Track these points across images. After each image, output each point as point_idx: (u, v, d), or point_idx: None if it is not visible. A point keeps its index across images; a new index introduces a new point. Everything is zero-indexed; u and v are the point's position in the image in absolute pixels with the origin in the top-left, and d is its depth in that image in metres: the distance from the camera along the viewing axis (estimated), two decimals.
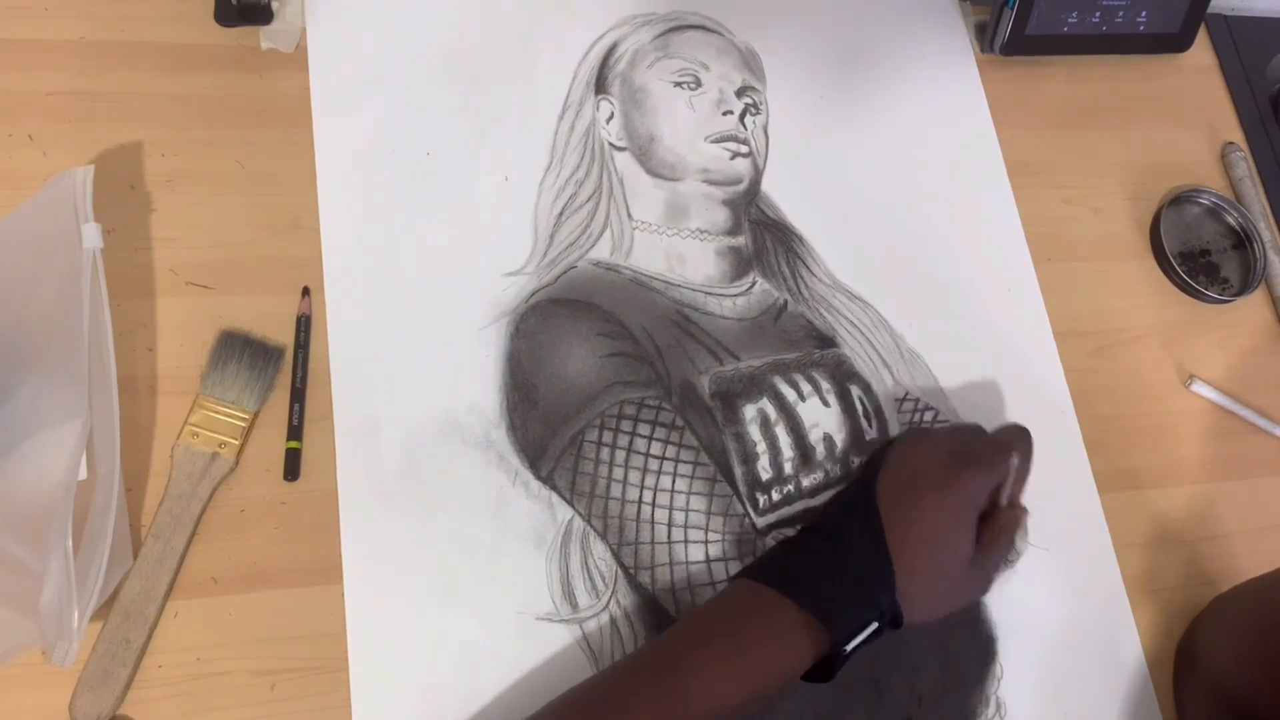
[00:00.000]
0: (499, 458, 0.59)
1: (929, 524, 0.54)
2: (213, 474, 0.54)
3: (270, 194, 0.61)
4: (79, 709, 0.49)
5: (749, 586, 0.53)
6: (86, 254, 0.50)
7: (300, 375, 0.57)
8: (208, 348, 0.57)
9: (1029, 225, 0.74)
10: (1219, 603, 0.64)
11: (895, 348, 0.68)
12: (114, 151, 0.60)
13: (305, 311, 0.58)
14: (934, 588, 0.54)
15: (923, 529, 0.54)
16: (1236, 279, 0.78)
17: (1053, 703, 0.61)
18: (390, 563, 0.55)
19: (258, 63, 0.64)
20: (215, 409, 0.55)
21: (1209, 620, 0.63)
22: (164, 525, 0.53)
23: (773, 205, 0.70)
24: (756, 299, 0.67)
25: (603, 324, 0.63)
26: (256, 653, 0.52)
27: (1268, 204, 0.81)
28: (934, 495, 0.55)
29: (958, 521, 0.55)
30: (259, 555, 0.54)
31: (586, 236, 0.65)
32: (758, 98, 0.72)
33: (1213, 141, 0.82)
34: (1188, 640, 0.64)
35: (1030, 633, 0.62)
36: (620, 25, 0.72)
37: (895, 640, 0.60)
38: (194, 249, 0.59)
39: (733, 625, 0.51)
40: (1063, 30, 0.78)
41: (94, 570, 0.47)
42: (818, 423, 0.64)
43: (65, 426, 0.47)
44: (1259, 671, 0.56)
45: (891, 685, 0.59)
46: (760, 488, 0.61)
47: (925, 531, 0.54)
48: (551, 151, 0.67)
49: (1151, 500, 0.69)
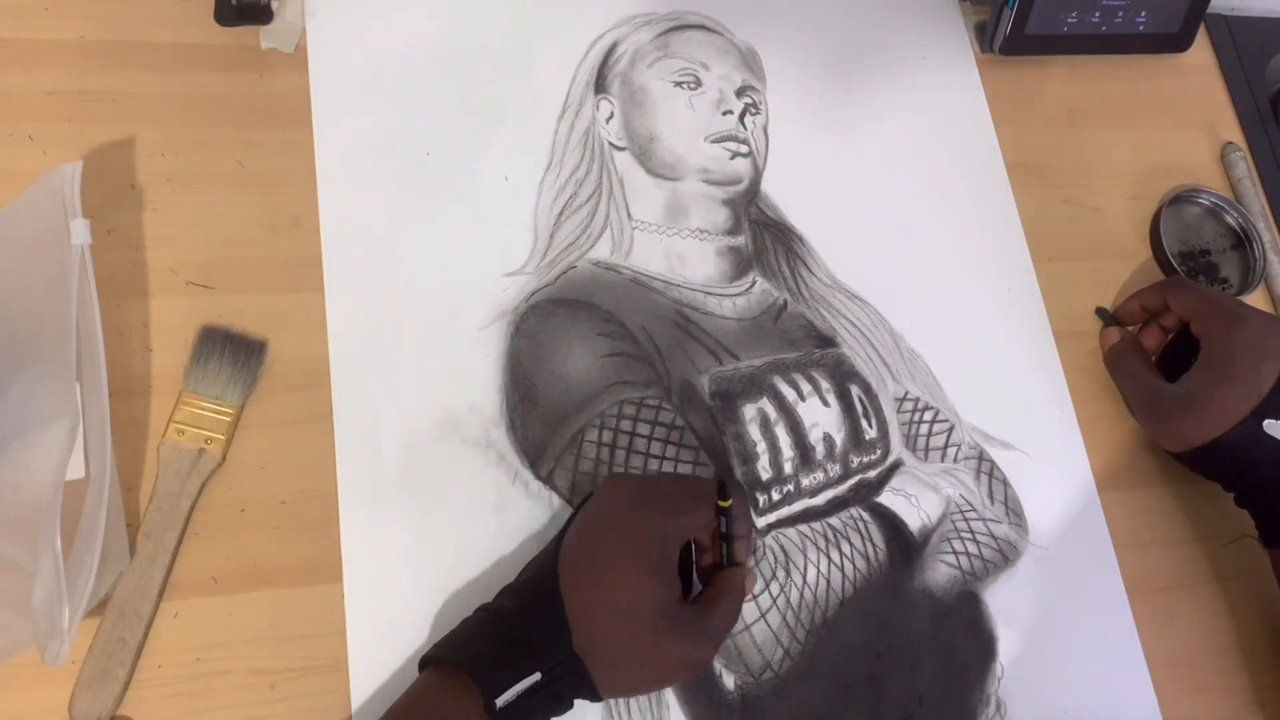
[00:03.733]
0: (499, 457, 0.59)
1: (603, 567, 0.49)
2: (200, 470, 0.54)
3: (270, 194, 0.61)
4: (78, 709, 0.49)
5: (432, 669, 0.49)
6: (75, 250, 0.50)
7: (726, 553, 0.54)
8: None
9: (1029, 225, 0.74)
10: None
11: (895, 347, 0.68)
12: (114, 151, 0.60)
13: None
14: (619, 639, 0.48)
15: (596, 572, 0.49)
16: (1236, 279, 0.78)
17: (1053, 703, 0.61)
18: (390, 563, 0.55)
19: (258, 62, 0.64)
20: (199, 405, 0.55)
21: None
22: (154, 523, 0.53)
23: (772, 205, 0.70)
24: (756, 299, 0.67)
25: (603, 324, 0.63)
26: (256, 652, 0.52)
27: (1267, 204, 0.81)
28: (611, 537, 0.50)
29: (634, 561, 0.49)
30: (259, 555, 0.54)
31: (586, 236, 0.65)
32: (758, 97, 0.72)
33: (1212, 141, 0.82)
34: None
35: (1030, 632, 0.62)
36: (620, 25, 0.72)
37: (895, 640, 0.60)
38: (194, 249, 0.59)
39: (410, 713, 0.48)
40: (1062, 30, 0.78)
41: (86, 569, 0.47)
42: (817, 422, 0.64)
43: (55, 425, 0.47)
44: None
45: (892, 684, 0.59)
46: (760, 487, 0.61)
47: (599, 575, 0.49)
48: (551, 151, 0.67)
49: (1151, 500, 0.69)
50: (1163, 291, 0.68)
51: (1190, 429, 0.63)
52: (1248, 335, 0.62)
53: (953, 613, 0.62)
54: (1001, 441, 0.67)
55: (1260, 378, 0.61)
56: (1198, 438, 0.62)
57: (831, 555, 0.61)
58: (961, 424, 0.67)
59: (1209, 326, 0.64)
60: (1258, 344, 0.62)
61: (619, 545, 0.50)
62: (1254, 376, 0.61)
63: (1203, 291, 0.66)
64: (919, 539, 0.63)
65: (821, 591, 0.60)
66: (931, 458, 0.66)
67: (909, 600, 0.61)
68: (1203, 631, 0.66)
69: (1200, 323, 0.65)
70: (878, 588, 0.61)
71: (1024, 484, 0.66)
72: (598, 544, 0.50)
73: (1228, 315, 0.63)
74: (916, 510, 0.64)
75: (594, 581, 0.49)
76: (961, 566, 0.63)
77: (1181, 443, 0.64)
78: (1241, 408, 0.60)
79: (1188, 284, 0.67)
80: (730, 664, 0.57)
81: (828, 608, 0.60)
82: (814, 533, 0.61)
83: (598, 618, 0.48)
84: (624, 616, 0.48)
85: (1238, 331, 0.62)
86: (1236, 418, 0.60)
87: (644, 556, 0.49)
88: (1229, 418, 0.61)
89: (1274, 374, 0.61)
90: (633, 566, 0.49)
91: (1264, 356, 0.61)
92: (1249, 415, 0.60)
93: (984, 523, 0.65)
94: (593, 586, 0.49)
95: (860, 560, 0.61)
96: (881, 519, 0.63)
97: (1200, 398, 0.62)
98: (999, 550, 0.64)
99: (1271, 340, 0.62)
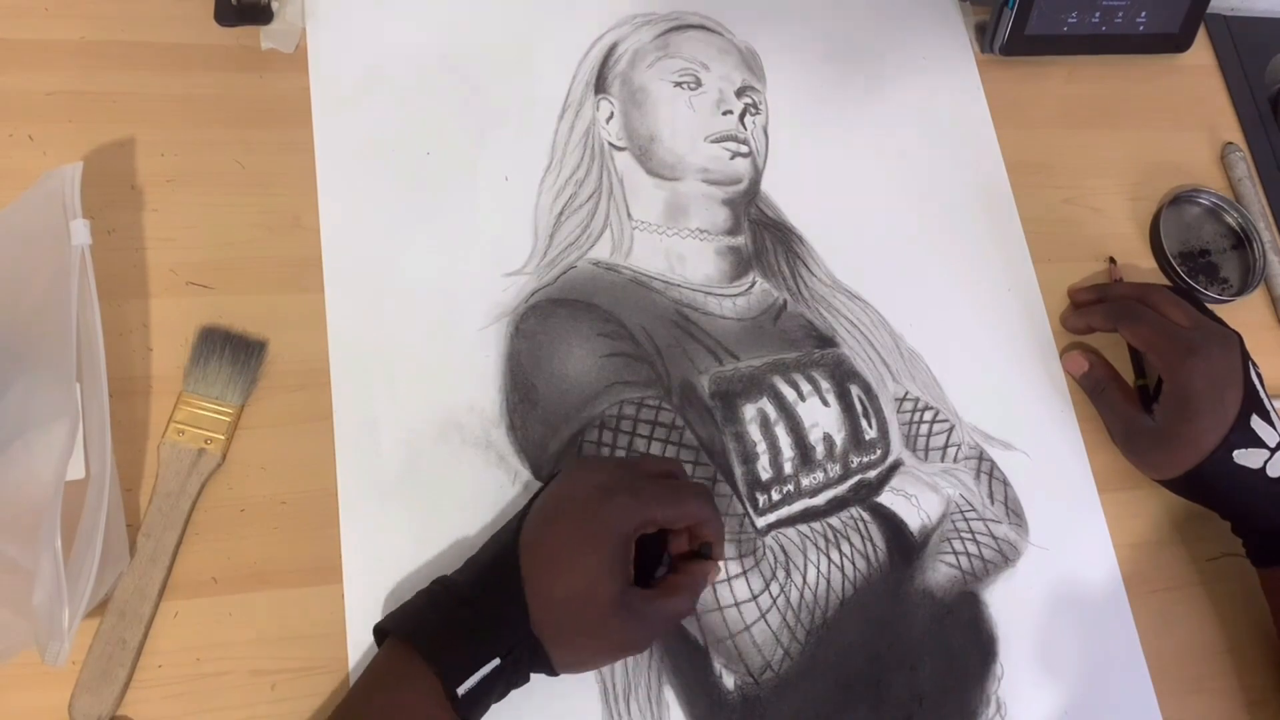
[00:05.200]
0: (499, 458, 0.59)
1: (565, 548, 0.50)
2: (200, 470, 0.54)
3: (270, 194, 0.61)
4: (78, 709, 0.49)
5: (390, 646, 0.50)
6: (75, 251, 0.50)
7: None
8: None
9: (1029, 225, 0.74)
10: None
11: (895, 347, 0.68)
12: (114, 151, 0.60)
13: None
14: (575, 617, 0.50)
15: (560, 553, 0.50)
16: (1236, 279, 0.78)
17: (1053, 702, 0.61)
18: (390, 563, 0.55)
19: (258, 63, 0.64)
20: (199, 405, 0.55)
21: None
22: (154, 523, 0.53)
23: (772, 205, 0.70)
24: (756, 299, 0.67)
25: (602, 324, 0.63)
26: (257, 653, 0.52)
27: (1267, 204, 0.81)
28: (571, 522, 0.51)
29: (593, 548, 0.50)
30: (259, 555, 0.54)
31: (586, 236, 0.65)
32: (757, 98, 0.72)
33: (1212, 142, 0.82)
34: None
35: (1031, 633, 0.62)
36: (620, 25, 0.72)
37: (895, 640, 0.60)
38: (194, 249, 0.59)
39: (370, 698, 0.48)
40: (1062, 30, 0.78)
41: (86, 570, 0.47)
42: (817, 422, 0.64)
43: (55, 425, 0.47)
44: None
45: (892, 684, 0.59)
46: (760, 487, 0.61)
47: (563, 555, 0.50)
48: (551, 151, 0.67)
49: (1151, 500, 0.69)
50: (1113, 319, 0.67)
51: (1164, 463, 0.63)
52: (1205, 367, 0.61)
53: (953, 613, 0.62)
54: (1001, 441, 0.67)
55: (1224, 408, 0.61)
56: (1172, 471, 0.63)
57: (831, 555, 0.61)
58: (961, 424, 0.67)
59: (1166, 362, 0.63)
60: (1217, 374, 0.61)
61: (578, 533, 0.51)
62: (1218, 408, 0.61)
63: (1154, 324, 0.64)
64: (919, 539, 0.63)
65: (821, 592, 0.60)
66: (931, 458, 0.66)
67: (909, 600, 0.61)
68: (1202, 632, 0.66)
69: (1156, 356, 0.64)
70: (878, 588, 0.61)
71: (1024, 484, 0.66)
72: (558, 528, 0.51)
73: (1181, 350, 0.62)
74: (917, 510, 0.64)
75: (552, 565, 0.50)
76: (962, 567, 0.63)
77: (1159, 474, 0.65)
78: (1210, 440, 0.60)
79: (1140, 314, 0.65)
80: (730, 664, 0.57)
81: (828, 608, 0.60)
82: (814, 533, 0.61)
83: (554, 600, 0.49)
84: (579, 600, 0.50)
85: (1195, 365, 0.61)
86: (1206, 450, 0.61)
87: (600, 545, 0.50)
88: (1198, 451, 0.61)
89: (1237, 400, 0.61)
90: (589, 553, 0.50)
91: (1224, 385, 0.61)
92: (1218, 446, 0.60)
93: (984, 523, 0.65)
94: (551, 570, 0.50)
95: (860, 560, 0.61)
96: (881, 519, 0.63)
97: (1168, 433, 0.63)
98: (999, 550, 0.64)
99: (1228, 365, 0.62)
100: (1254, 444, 0.60)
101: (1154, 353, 0.64)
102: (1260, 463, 0.61)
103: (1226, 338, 0.63)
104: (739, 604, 0.58)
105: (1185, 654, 0.65)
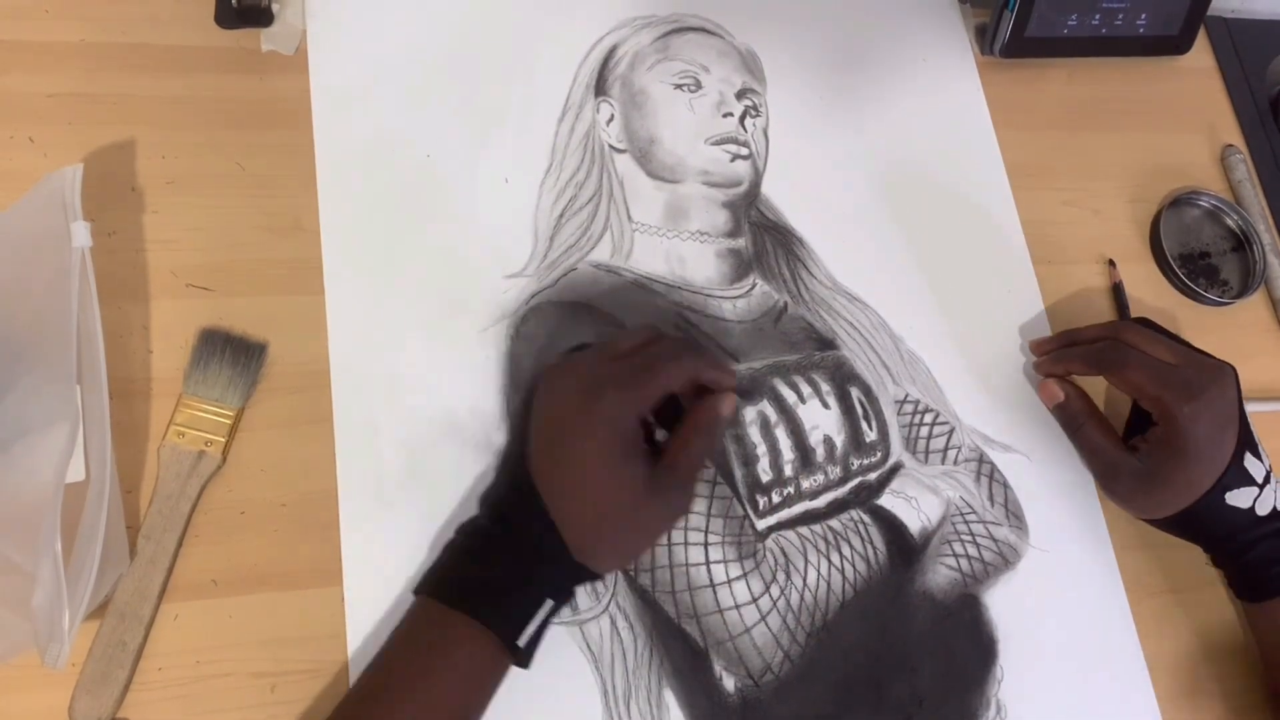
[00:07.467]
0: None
1: (578, 467, 0.50)
2: (200, 472, 0.54)
3: (270, 196, 0.61)
4: (78, 711, 0.49)
5: (424, 607, 0.50)
6: (75, 253, 0.50)
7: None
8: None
9: (1028, 227, 0.74)
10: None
11: (895, 350, 0.68)
12: (114, 153, 0.60)
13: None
14: (611, 529, 0.51)
15: (575, 474, 0.50)
16: (1236, 281, 0.78)
17: (1053, 704, 0.61)
18: (390, 564, 0.55)
19: (258, 65, 0.64)
20: (199, 407, 0.55)
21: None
22: (154, 525, 0.53)
23: (773, 207, 0.70)
24: (757, 301, 0.67)
25: (603, 326, 0.63)
26: (257, 655, 0.52)
27: (1267, 206, 0.81)
28: (575, 437, 0.50)
29: (605, 455, 0.50)
30: (259, 557, 0.54)
31: (587, 239, 0.65)
32: (758, 100, 0.72)
33: (1212, 144, 0.82)
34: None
35: (1031, 634, 0.62)
36: (620, 27, 0.72)
37: (895, 642, 0.60)
38: (194, 251, 0.59)
39: (412, 660, 0.49)
40: (1062, 32, 0.78)
41: (86, 572, 0.47)
42: (818, 425, 0.64)
43: (55, 427, 0.47)
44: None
45: (892, 686, 0.59)
46: (760, 490, 0.61)
47: (578, 476, 0.50)
48: (551, 153, 0.67)
49: None
50: (1095, 365, 0.63)
51: (1152, 506, 0.61)
52: (1207, 413, 0.58)
53: (953, 615, 0.62)
54: (1002, 444, 0.67)
55: (1221, 451, 0.58)
56: (1159, 513, 0.61)
57: (832, 558, 0.61)
58: (962, 426, 0.67)
59: (1162, 408, 0.59)
60: (1218, 417, 0.58)
61: (583, 445, 0.50)
62: (1215, 452, 0.58)
63: (1142, 367, 0.60)
64: (919, 541, 0.63)
65: (822, 594, 0.60)
66: (932, 460, 0.66)
67: (909, 603, 0.61)
68: (1203, 634, 0.66)
69: (1149, 403, 0.60)
70: (878, 590, 0.61)
71: (1024, 486, 0.66)
72: (563, 450, 0.51)
73: (1180, 394, 0.58)
74: (917, 513, 0.64)
75: (574, 490, 0.50)
76: (962, 569, 0.63)
77: (1143, 515, 0.63)
78: (1204, 484, 0.58)
79: (1124, 357, 0.61)
80: (731, 666, 0.57)
81: (828, 610, 0.60)
82: (814, 535, 0.61)
83: (587, 523, 0.50)
84: (611, 511, 0.50)
85: (1196, 412, 0.58)
86: (1199, 493, 0.58)
87: (610, 450, 0.50)
88: (1190, 495, 0.59)
89: (1233, 440, 0.58)
90: (603, 463, 0.50)
91: (1223, 426, 0.59)
92: (1211, 489, 0.58)
93: (984, 525, 0.65)
94: (574, 495, 0.50)
95: (860, 563, 0.61)
96: (882, 521, 0.63)
97: (1159, 477, 0.60)
98: (999, 553, 0.64)
99: (1226, 404, 0.59)
100: (1245, 483, 0.58)
101: (1146, 398, 0.60)
102: (1250, 501, 0.59)
103: (1222, 373, 0.60)
104: (739, 606, 0.58)
105: (1186, 657, 0.65)
